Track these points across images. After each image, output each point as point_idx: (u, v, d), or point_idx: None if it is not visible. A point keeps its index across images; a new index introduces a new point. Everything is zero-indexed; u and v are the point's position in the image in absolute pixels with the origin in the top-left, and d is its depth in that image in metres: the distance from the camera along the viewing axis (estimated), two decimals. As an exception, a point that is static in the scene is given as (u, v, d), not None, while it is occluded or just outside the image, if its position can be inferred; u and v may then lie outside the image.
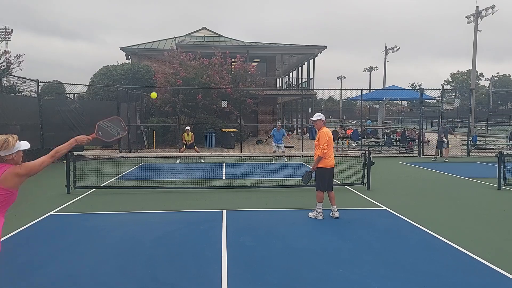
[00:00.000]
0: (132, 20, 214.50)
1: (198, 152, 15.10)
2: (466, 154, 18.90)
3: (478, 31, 34.30)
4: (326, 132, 6.93)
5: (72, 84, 17.88)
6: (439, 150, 16.93)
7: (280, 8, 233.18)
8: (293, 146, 20.33)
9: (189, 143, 15.37)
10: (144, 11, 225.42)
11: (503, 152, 10.51)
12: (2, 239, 5.74)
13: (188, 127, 15.84)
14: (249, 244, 5.59)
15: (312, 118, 7.21)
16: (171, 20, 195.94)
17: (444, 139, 16.46)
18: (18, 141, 3.23)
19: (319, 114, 7.14)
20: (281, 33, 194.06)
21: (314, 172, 7.05)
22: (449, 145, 16.96)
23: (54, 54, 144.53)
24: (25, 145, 3.29)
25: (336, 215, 7.02)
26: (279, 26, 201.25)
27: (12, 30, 37.76)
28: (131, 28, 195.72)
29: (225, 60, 22.91)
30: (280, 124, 16.30)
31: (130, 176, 11.96)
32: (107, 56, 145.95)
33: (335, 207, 7.09)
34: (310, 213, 7.12)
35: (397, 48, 54.57)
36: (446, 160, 16.43)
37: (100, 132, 4.25)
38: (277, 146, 15.18)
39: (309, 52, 29.47)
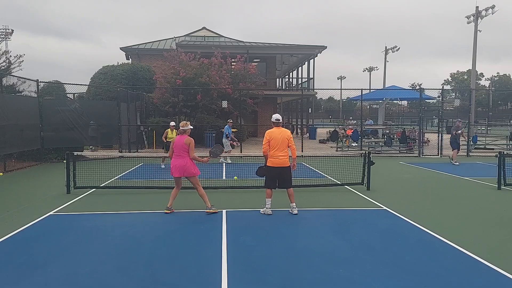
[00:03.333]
0: (131, 20, 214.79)
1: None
2: (466, 154, 18.89)
3: (478, 31, 34.32)
4: (266, 133, 7.31)
5: (72, 84, 17.86)
6: (456, 151, 15.34)
7: (281, 8, 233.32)
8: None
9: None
10: (144, 11, 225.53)
11: (503, 152, 10.51)
12: (2, 239, 5.75)
13: (173, 123, 14.04)
14: (249, 244, 5.59)
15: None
16: (171, 20, 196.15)
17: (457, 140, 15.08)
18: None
19: (273, 115, 7.51)
20: (281, 33, 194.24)
21: (262, 168, 7.67)
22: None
23: (53, 54, 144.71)
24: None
25: (295, 211, 7.25)
26: (279, 26, 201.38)
27: (12, 30, 37.80)
28: (130, 28, 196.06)
29: (225, 60, 22.91)
30: (231, 121, 16.18)
31: (130, 176, 11.96)
32: (107, 56, 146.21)
33: (294, 204, 7.32)
34: (260, 210, 7.36)
35: (397, 48, 54.64)
36: (456, 163, 15.08)
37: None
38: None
39: (309, 52, 29.48)
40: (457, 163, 14.91)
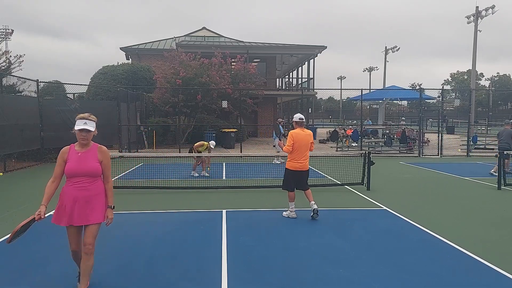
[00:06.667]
0: (127, 19, 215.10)
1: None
2: (466, 154, 18.91)
3: (478, 31, 34.32)
4: (291, 133, 6.90)
5: (72, 84, 17.88)
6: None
7: (280, 8, 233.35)
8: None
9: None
10: (140, 11, 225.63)
11: (503, 152, 10.50)
12: (2, 239, 5.75)
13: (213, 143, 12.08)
14: (249, 244, 5.59)
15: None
16: (166, 20, 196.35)
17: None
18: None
19: (296, 115, 7.13)
20: (280, 33, 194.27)
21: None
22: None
23: (53, 54, 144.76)
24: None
25: (314, 206, 6.93)
26: (278, 26, 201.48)
27: (12, 30, 37.79)
28: (127, 27, 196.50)
29: (225, 60, 22.91)
30: (281, 120, 16.50)
31: (130, 176, 11.96)
32: (107, 56, 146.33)
33: (313, 202, 6.98)
34: (284, 213, 7.17)
35: (397, 48, 54.67)
36: (493, 172, 11.97)
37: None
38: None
39: (309, 52, 29.47)
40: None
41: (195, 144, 12.05)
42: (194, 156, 11.80)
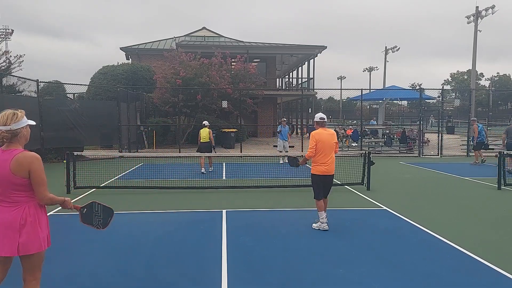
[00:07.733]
0: (130, 20, 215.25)
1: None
2: (466, 154, 18.91)
3: (478, 31, 34.33)
4: (313, 134, 6.35)
5: (72, 84, 17.90)
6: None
7: (280, 8, 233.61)
8: (293, 146, 20.33)
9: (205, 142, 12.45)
10: (144, 11, 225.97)
11: (503, 152, 10.51)
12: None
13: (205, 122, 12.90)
14: (249, 244, 5.59)
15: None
16: (165, 20, 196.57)
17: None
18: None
19: (317, 114, 6.58)
20: (280, 33, 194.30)
21: (296, 160, 7.36)
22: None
23: (53, 54, 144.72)
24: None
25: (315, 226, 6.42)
26: (278, 26, 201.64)
27: (12, 30, 37.79)
28: (126, 27, 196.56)
29: (225, 60, 22.90)
30: (285, 120, 16.79)
31: (130, 176, 11.96)
32: (106, 56, 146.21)
33: (325, 214, 6.40)
34: (314, 224, 6.44)
35: (397, 48, 54.71)
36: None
37: (85, 209, 3.64)
38: (284, 142, 15.41)
39: (309, 52, 29.46)
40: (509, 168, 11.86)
41: (209, 136, 12.39)
42: (211, 156, 12.08)
